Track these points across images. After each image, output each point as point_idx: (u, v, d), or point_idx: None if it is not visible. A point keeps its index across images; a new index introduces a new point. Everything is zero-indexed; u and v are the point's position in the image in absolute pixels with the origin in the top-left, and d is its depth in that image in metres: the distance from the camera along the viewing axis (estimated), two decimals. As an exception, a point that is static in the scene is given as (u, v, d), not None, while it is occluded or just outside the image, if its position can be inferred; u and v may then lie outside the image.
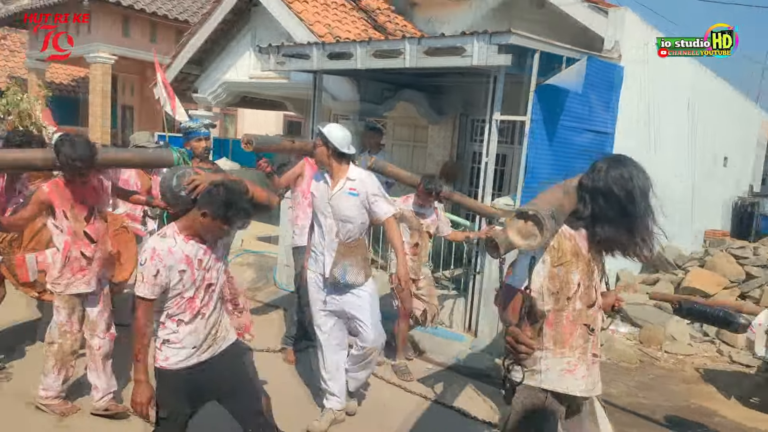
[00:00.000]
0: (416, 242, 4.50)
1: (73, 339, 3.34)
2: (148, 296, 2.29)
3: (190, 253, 2.36)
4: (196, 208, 2.34)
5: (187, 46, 8.94)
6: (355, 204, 3.37)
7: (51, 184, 3.18)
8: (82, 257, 3.25)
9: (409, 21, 8.09)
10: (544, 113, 4.86)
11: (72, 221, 3.21)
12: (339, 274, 3.37)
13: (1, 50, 16.82)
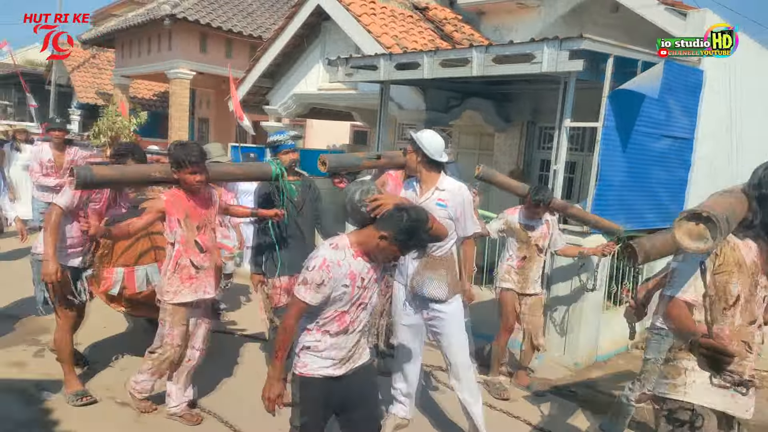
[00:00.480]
0: (524, 255, 4.24)
1: (173, 351, 3.33)
2: (307, 301, 2.26)
3: (356, 270, 2.31)
4: (374, 227, 2.30)
5: (260, 60, 9.35)
6: (443, 216, 3.14)
7: (169, 194, 3.24)
8: (191, 266, 3.27)
9: (477, 30, 8.09)
10: (617, 119, 4.74)
11: (185, 230, 3.23)
12: (418, 285, 3.22)
13: (90, 68, 18.21)
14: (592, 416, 4.02)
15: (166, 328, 3.31)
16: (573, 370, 4.73)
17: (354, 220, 2.44)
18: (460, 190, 3.26)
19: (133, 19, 13.02)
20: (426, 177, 3.28)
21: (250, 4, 13.61)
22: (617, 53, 4.60)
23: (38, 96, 15.75)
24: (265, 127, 10.02)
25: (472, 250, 3.36)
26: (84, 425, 3.36)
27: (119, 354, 4.31)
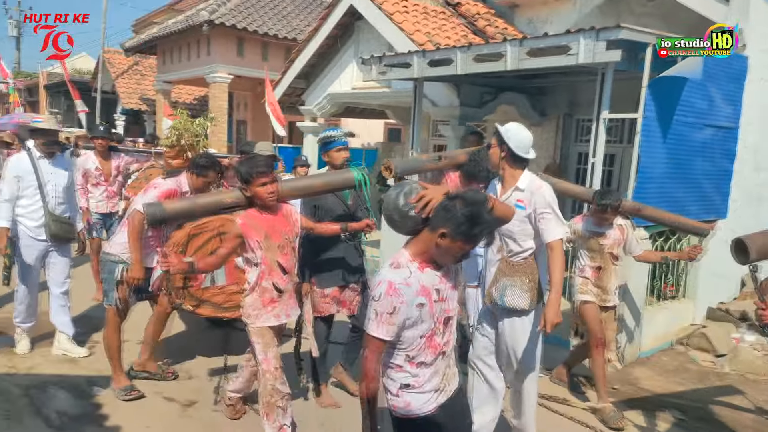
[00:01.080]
0: (598, 266, 3.94)
1: (273, 377, 3.06)
2: (382, 337, 1.97)
3: (427, 284, 2.01)
4: (428, 229, 2.01)
5: (295, 62, 9.49)
6: (520, 218, 2.87)
7: (243, 216, 3.03)
8: (273, 289, 3.05)
9: (510, 23, 8.00)
10: (658, 109, 4.61)
11: (265, 252, 3.01)
12: (497, 294, 2.99)
13: (133, 75, 18.85)
14: (635, 414, 3.94)
15: (259, 353, 3.08)
16: (615, 367, 4.64)
17: (405, 229, 2.11)
18: (541, 190, 2.94)
19: (173, 26, 13.42)
20: (508, 175, 3.01)
21: (285, 7, 13.83)
22: (655, 42, 4.48)
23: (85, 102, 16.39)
24: (301, 128, 10.17)
25: (559, 257, 2.90)
26: (131, 419, 3.50)
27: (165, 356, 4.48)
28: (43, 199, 4.18)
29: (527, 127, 3.09)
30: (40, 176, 4.17)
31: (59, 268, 4.38)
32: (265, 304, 3.06)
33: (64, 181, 4.32)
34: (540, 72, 6.05)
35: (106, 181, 5.89)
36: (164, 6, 21.97)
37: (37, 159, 4.19)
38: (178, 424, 3.50)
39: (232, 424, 3.52)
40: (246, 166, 2.97)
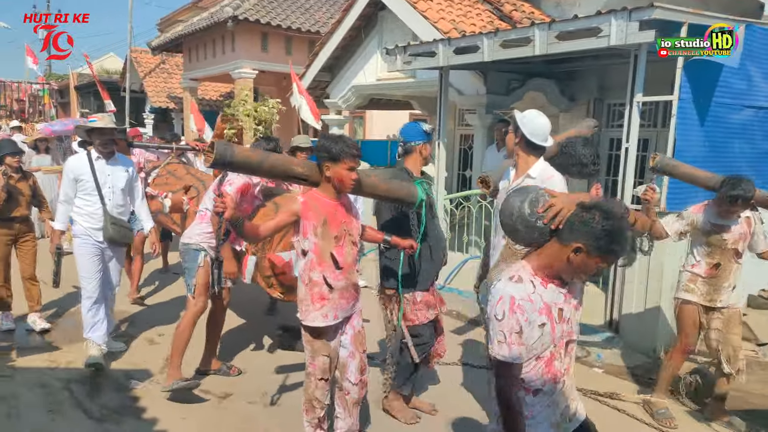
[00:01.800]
0: (716, 262, 3.56)
1: (314, 386, 2.87)
2: (515, 358, 1.77)
3: (549, 301, 1.82)
4: (558, 241, 1.81)
5: (319, 55, 9.49)
6: None
7: (307, 195, 2.81)
8: (324, 283, 2.77)
9: (537, 8, 7.83)
10: (694, 91, 4.46)
11: (319, 239, 2.74)
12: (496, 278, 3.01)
13: (160, 73, 19.16)
14: (673, 403, 3.84)
15: (308, 356, 2.89)
16: (651, 356, 4.53)
17: (528, 240, 1.92)
18: (551, 179, 2.83)
19: (197, 24, 13.55)
20: (522, 161, 2.96)
21: (308, 0, 13.82)
22: (691, 21, 4.32)
23: (114, 102, 16.72)
24: (326, 120, 10.17)
25: None
26: (168, 411, 3.57)
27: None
28: (102, 201, 4.07)
29: (556, 114, 3.04)
30: (98, 177, 4.06)
31: (114, 271, 4.30)
32: (314, 299, 2.79)
33: (122, 183, 4.16)
34: (569, 56, 5.91)
35: None
36: (188, 4, 22.22)
37: (95, 160, 4.09)
38: (213, 417, 3.55)
39: (268, 417, 3.55)
40: (339, 144, 2.70)
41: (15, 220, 4.81)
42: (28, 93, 24.95)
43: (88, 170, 4.06)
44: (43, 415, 3.46)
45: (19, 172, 4.91)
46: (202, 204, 4.01)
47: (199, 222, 3.88)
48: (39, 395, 3.71)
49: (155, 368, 4.16)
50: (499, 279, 1.86)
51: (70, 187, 4.08)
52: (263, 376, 4.09)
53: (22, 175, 4.94)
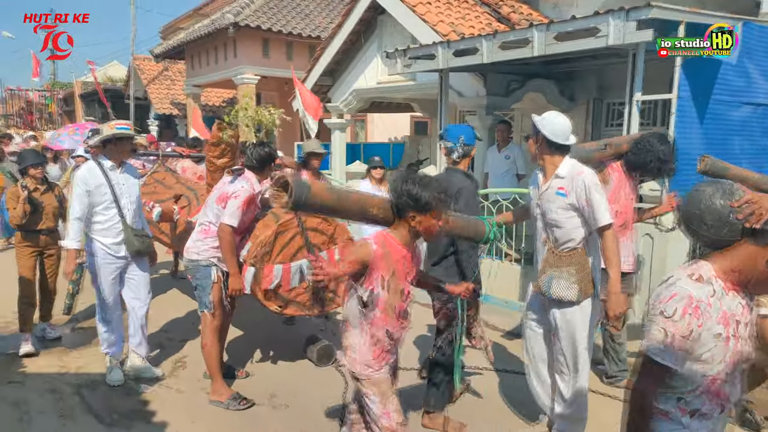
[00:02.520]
0: None
1: None
2: (671, 365, 1.57)
3: (728, 311, 1.59)
4: (751, 242, 1.57)
5: (320, 59, 9.56)
6: (563, 206, 2.82)
7: (380, 241, 2.36)
8: (386, 338, 2.46)
9: (535, 9, 7.87)
10: (693, 88, 4.49)
11: (386, 292, 2.37)
12: (544, 285, 2.89)
13: (164, 80, 19.29)
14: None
15: (378, 406, 2.46)
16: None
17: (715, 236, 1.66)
18: (581, 175, 2.81)
19: (199, 30, 13.66)
20: (548, 163, 2.92)
21: (308, 6, 13.91)
22: (689, 19, 4.36)
23: (118, 109, 16.85)
24: (328, 125, 10.24)
25: (613, 244, 2.78)
26: (177, 415, 3.62)
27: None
28: (121, 213, 3.84)
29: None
30: (115, 188, 3.82)
31: (141, 283, 4.06)
32: (376, 356, 2.46)
33: (137, 192, 4.00)
34: (568, 57, 5.95)
35: None
36: (190, 11, 22.36)
37: (109, 170, 3.82)
38: (222, 419, 3.60)
39: (276, 419, 3.60)
40: (430, 192, 2.28)
41: (41, 233, 4.68)
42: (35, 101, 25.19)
43: (104, 181, 3.78)
44: (54, 421, 3.51)
45: (44, 183, 4.79)
46: (203, 216, 3.83)
47: (204, 236, 3.74)
48: (50, 400, 3.76)
49: (165, 372, 4.21)
50: (676, 276, 1.63)
51: (83, 200, 3.73)
52: (270, 379, 4.14)
53: (47, 187, 4.83)
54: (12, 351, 4.51)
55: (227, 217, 3.56)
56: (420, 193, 2.27)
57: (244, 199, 3.61)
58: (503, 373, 4.20)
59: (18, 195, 4.54)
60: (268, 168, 3.83)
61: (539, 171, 3.02)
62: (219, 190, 3.76)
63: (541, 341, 3.09)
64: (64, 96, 27.50)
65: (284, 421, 3.57)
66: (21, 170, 4.80)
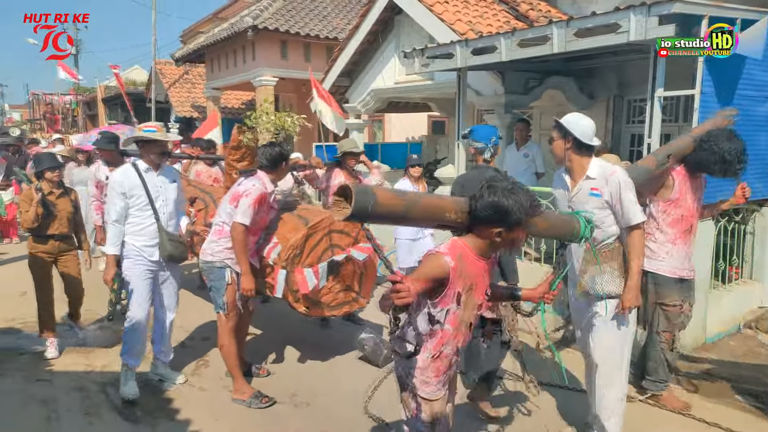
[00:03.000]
0: None
1: None
2: None
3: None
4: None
5: (337, 60, 9.60)
6: (598, 206, 2.87)
7: (455, 253, 2.07)
8: (453, 354, 2.24)
9: (553, 6, 7.81)
10: (716, 84, 4.41)
11: (461, 309, 2.13)
12: (588, 283, 2.95)
13: (184, 83, 19.55)
14: (701, 400, 3.80)
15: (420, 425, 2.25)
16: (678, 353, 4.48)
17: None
18: (614, 175, 2.86)
19: (219, 34, 13.82)
20: (577, 166, 2.95)
21: (325, 8, 13.99)
22: (712, 13, 4.28)
23: (140, 112, 17.14)
24: (346, 125, 10.27)
25: (640, 242, 2.86)
26: (201, 412, 3.67)
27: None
28: (156, 216, 3.77)
29: (576, 112, 3.06)
30: (150, 191, 3.75)
31: (171, 291, 3.99)
32: (439, 373, 2.22)
33: (174, 195, 3.89)
34: (588, 53, 5.88)
35: None
36: (209, 15, 22.64)
37: (145, 172, 3.77)
38: (244, 418, 3.63)
39: (297, 417, 3.62)
40: (519, 202, 1.97)
41: (53, 238, 4.60)
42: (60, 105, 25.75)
43: (139, 183, 3.73)
44: (80, 418, 3.59)
45: (60, 187, 4.71)
46: (217, 217, 3.85)
47: (218, 237, 3.75)
48: (76, 399, 3.84)
49: (187, 370, 4.27)
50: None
51: (119, 203, 3.70)
52: (292, 378, 4.17)
53: (63, 191, 4.73)
54: (37, 349, 4.61)
55: (239, 215, 3.60)
56: (510, 207, 1.96)
57: (256, 197, 3.64)
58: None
59: (31, 197, 4.46)
60: (281, 168, 3.88)
61: (564, 173, 3.04)
62: (231, 190, 3.83)
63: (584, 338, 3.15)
64: (87, 100, 28.04)
65: (305, 419, 3.60)
66: (37, 173, 4.72)
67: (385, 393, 3.80)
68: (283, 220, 4.07)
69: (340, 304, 4.19)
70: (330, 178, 5.34)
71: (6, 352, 4.61)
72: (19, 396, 3.86)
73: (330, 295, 4.09)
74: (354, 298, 4.26)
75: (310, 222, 3.95)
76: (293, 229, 3.94)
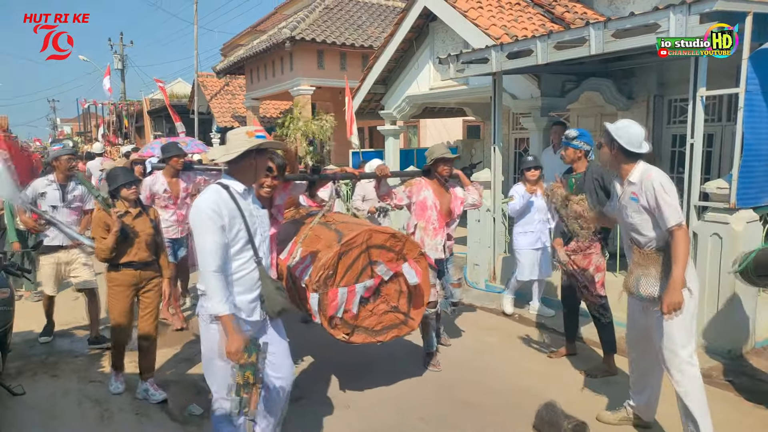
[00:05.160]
0: None
1: None
2: None
3: None
4: None
5: (373, 68, 9.72)
6: (637, 210, 2.97)
7: None
8: None
9: (589, 8, 7.72)
10: (762, 82, 4.28)
11: None
12: (632, 285, 3.06)
13: (225, 95, 20.11)
14: (753, 407, 3.68)
15: None
16: (727, 357, 4.35)
17: None
18: (649, 180, 2.92)
19: (258, 46, 14.19)
20: (624, 171, 3.04)
21: (360, 17, 14.19)
22: (756, 10, 4.16)
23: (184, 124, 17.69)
24: (381, 131, 10.37)
25: (683, 244, 2.84)
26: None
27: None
28: (257, 257, 2.63)
29: (614, 113, 3.08)
30: (248, 222, 2.59)
31: (283, 354, 2.83)
32: None
33: (268, 227, 2.81)
34: (625, 54, 5.80)
35: (175, 203, 5.43)
36: (248, 28, 23.23)
37: (239, 196, 2.59)
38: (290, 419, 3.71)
39: (340, 419, 3.68)
40: None
41: (132, 266, 3.90)
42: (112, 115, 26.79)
43: (238, 214, 2.56)
44: (131, 418, 3.74)
45: (136, 205, 4.02)
46: None
47: None
48: (127, 399, 3.99)
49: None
50: None
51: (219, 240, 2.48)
52: (336, 381, 4.23)
53: (141, 209, 4.05)
54: (92, 351, 4.84)
55: None
56: None
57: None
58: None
59: (107, 222, 3.81)
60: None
61: (616, 179, 3.16)
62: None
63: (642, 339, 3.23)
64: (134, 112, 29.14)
65: (351, 423, 3.65)
66: (112, 192, 3.98)
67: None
68: (316, 235, 3.78)
69: (386, 328, 3.75)
70: (415, 192, 4.30)
71: (62, 354, 4.86)
72: (75, 396, 4.06)
73: (373, 318, 3.68)
74: (402, 320, 3.82)
75: (344, 238, 3.57)
76: (326, 247, 3.60)
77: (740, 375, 4.13)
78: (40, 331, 5.22)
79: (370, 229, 3.64)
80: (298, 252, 3.77)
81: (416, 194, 4.28)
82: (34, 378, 4.36)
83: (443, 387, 4.09)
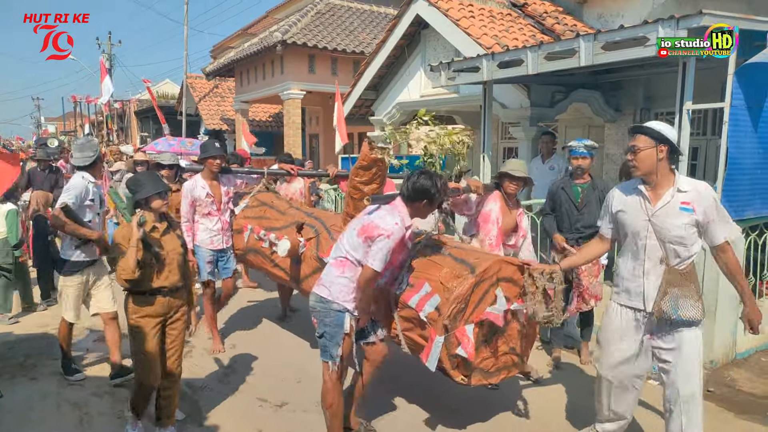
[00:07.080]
0: None
1: None
2: None
3: None
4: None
5: (364, 74, 9.74)
6: (689, 222, 2.70)
7: None
8: None
9: (579, 20, 7.82)
10: (747, 97, 4.36)
11: None
12: (670, 307, 2.73)
13: (214, 97, 20.00)
14: (734, 417, 3.72)
15: None
16: (708, 368, 4.39)
17: None
18: (707, 191, 2.73)
19: (248, 49, 14.15)
20: (664, 178, 2.76)
21: (352, 23, 14.23)
22: (742, 26, 4.25)
23: (171, 125, 17.57)
24: (372, 137, 10.39)
25: (734, 258, 2.75)
26: (229, 419, 3.72)
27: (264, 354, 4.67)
28: None
29: (601, 125, 3.07)
30: None
31: None
32: None
33: None
34: (614, 67, 5.87)
35: (218, 209, 4.70)
36: (239, 30, 23.18)
37: None
38: (270, 424, 3.67)
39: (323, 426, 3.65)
40: None
41: (161, 292, 3.25)
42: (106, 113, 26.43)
43: None
44: (112, 421, 3.67)
45: (162, 220, 3.34)
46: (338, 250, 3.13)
47: (340, 273, 3.04)
48: (108, 402, 3.93)
49: (215, 377, 4.34)
50: None
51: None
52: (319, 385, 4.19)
53: (168, 224, 3.37)
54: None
55: (374, 259, 2.92)
56: None
57: (397, 239, 2.98)
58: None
59: (131, 238, 3.10)
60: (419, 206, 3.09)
61: (641, 185, 2.82)
62: (362, 220, 3.12)
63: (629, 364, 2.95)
64: (119, 113, 28.87)
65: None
66: (138, 202, 3.30)
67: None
68: (432, 261, 3.28)
69: (499, 369, 3.30)
70: (481, 203, 4.02)
71: (41, 356, 4.76)
72: (54, 399, 3.98)
73: (492, 360, 3.24)
74: (515, 362, 3.39)
75: (478, 268, 3.10)
76: (453, 276, 3.10)
77: (721, 385, 4.18)
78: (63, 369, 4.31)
79: (501, 260, 3.24)
80: (405, 276, 3.29)
81: (483, 205, 3.96)
82: (12, 381, 4.27)
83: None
